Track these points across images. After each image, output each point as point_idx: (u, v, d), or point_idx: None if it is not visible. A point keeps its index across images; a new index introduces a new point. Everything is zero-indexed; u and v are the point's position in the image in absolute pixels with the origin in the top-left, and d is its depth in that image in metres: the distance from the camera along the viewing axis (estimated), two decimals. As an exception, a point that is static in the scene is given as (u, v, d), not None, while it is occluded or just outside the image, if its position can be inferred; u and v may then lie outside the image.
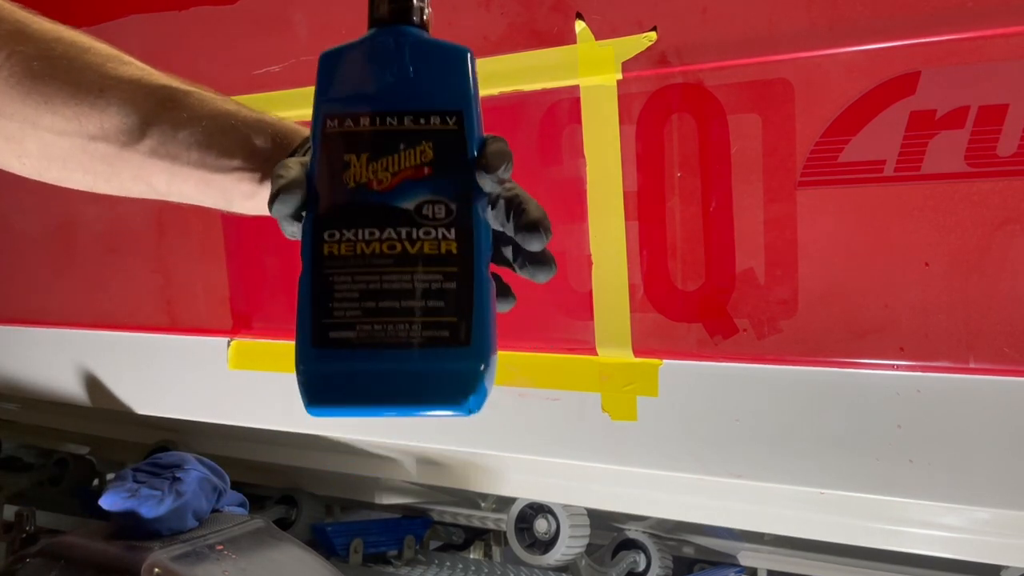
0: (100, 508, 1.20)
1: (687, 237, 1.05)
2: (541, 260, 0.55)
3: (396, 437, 1.42)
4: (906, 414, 0.98)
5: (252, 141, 0.60)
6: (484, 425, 1.23)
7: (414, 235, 0.52)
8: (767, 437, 1.06)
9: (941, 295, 0.93)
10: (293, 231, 0.55)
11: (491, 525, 1.71)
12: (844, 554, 1.42)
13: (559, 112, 1.11)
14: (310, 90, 0.56)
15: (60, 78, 0.59)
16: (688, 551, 1.71)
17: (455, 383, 0.51)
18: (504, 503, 1.64)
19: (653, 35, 1.03)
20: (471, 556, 1.81)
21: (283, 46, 1.29)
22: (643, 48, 1.04)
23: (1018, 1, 0.87)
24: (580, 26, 1.07)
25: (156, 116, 0.60)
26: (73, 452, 2.26)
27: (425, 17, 0.56)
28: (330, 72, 0.55)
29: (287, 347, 1.37)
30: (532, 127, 1.13)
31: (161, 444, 1.91)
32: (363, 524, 1.77)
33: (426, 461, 1.61)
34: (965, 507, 1.09)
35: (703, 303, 1.05)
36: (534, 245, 0.53)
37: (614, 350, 1.12)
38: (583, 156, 1.10)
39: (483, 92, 0.56)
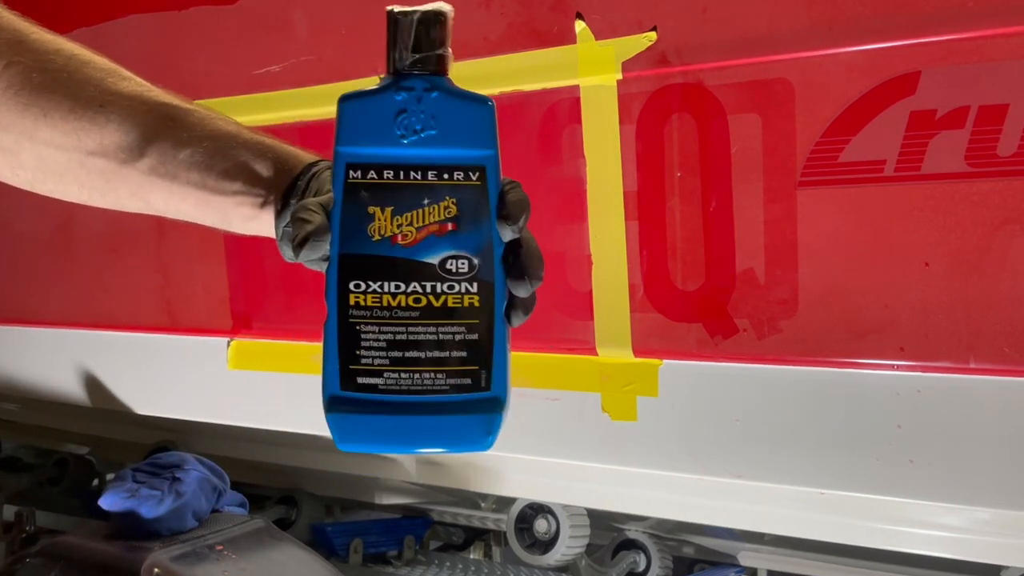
0: (100, 508, 1.20)
1: (687, 237, 1.05)
2: (516, 304, 0.56)
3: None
4: (906, 414, 0.98)
5: (253, 165, 0.60)
6: (484, 425, 1.23)
7: (439, 289, 0.54)
8: (767, 437, 1.06)
9: (941, 295, 0.93)
10: (291, 255, 0.56)
11: (491, 525, 1.71)
12: (844, 554, 1.41)
13: (559, 112, 1.11)
14: (310, 90, 0.56)
15: (59, 91, 0.59)
16: (688, 551, 1.71)
17: (477, 426, 0.55)
18: (504, 503, 1.64)
19: (653, 35, 1.03)
20: (471, 556, 1.81)
21: (283, 46, 1.29)
22: (643, 48, 1.04)
23: (1018, 1, 0.87)
24: (580, 26, 1.07)
25: (156, 134, 0.59)
26: (73, 452, 2.26)
27: (446, 62, 0.57)
28: (352, 119, 0.55)
29: (287, 347, 1.38)
30: (532, 127, 1.13)
31: (161, 444, 1.91)
32: (363, 524, 1.77)
33: (426, 461, 1.61)
34: (965, 507, 1.09)
35: (703, 303, 1.05)
36: (520, 291, 0.55)
37: (614, 350, 1.12)
38: (583, 156, 1.10)
39: (483, 92, 0.57)
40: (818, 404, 1.03)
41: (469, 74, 1.18)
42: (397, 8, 0.55)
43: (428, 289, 0.54)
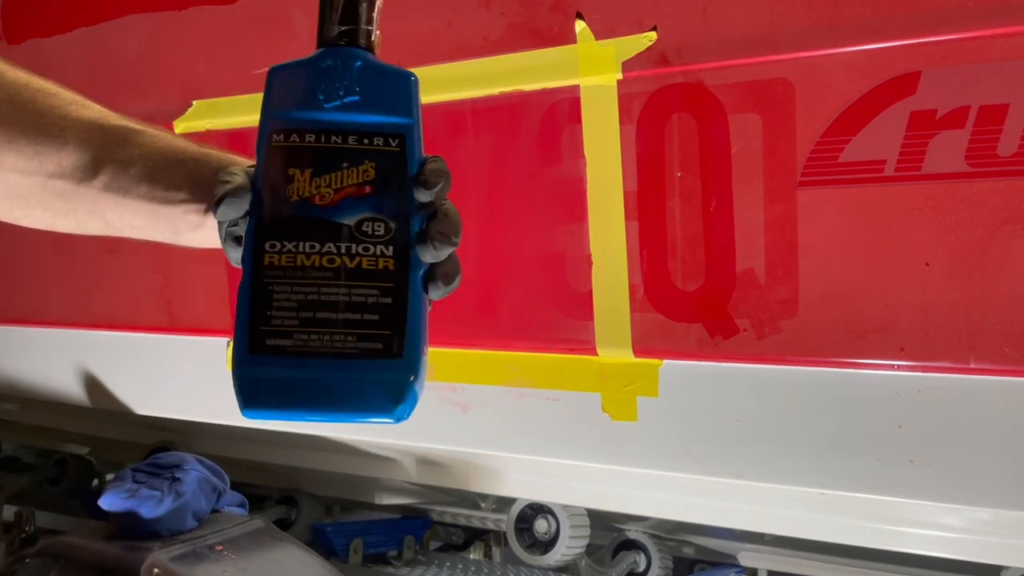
0: (100, 508, 1.20)
1: (687, 237, 1.05)
2: (435, 274, 0.56)
3: (396, 437, 1.42)
4: (906, 414, 0.98)
5: (197, 173, 0.63)
6: (484, 425, 1.23)
7: (353, 250, 0.54)
8: (767, 437, 1.06)
9: (941, 295, 0.93)
10: (237, 258, 0.58)
11: (491, 525, 1.71)
12: (844, 554, 1.42)
13: (559, 112, 1.11)
14: (310, 90, 0.57)
15: (25, 120, 0.63)
16: (688, 551, 1.71)
17: (386, 393, 0.54)
18: (504, 503, 1.64)
19: (653, 35, 1.03)
20: (471, 556, 1.81)
21: (283, 46, 1.29)
22: (643, 48, 1.04)
23: (1018, 1, 0.87)
24: (580, 26, 1.07)
25: (110, 153, 0.63)
26: (73, 452, 2.26)
27: (373, 39, 0.58)
28: (279, 87, 0.57)
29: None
30: (532, 127, 1.13)
31: (161, 444, 1.91)
32: (363, 524, 1.77)
33: (426, 461, 1.61)
34: (965, 507, 1.09)
35: (703, 303, 1.05)
36: (425, 255, 0.56)
37: (614, 350, 1.12)
38: (583, 156, 1.10)
39: (483, 92, 0.57)
40: (818, 404, 1.03)
41: (469, 74, 1.18)
42: None
43: (343, 250, 0.54)
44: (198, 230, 0.64)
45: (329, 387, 0.53)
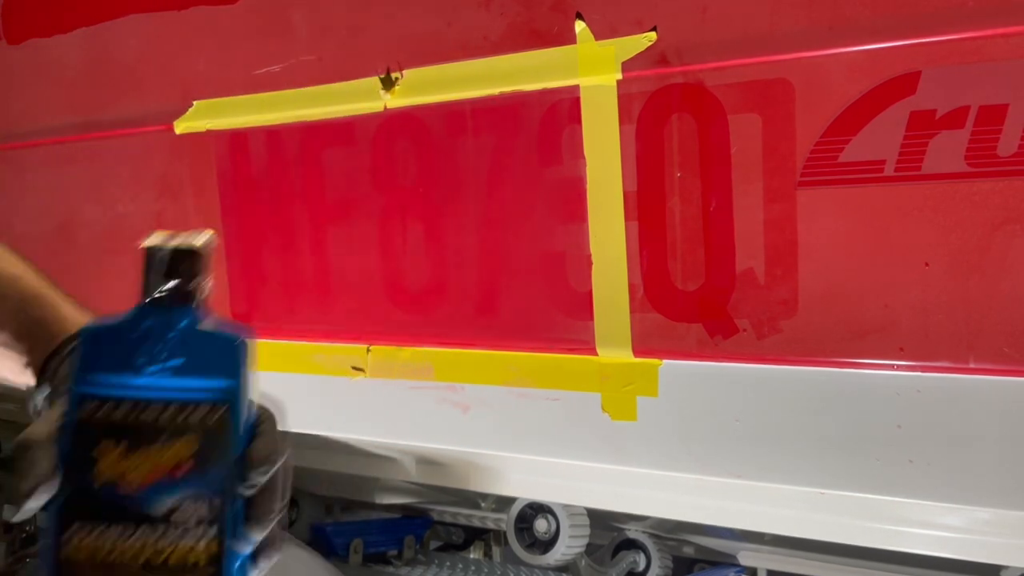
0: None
1: (687, 237, 1.05)
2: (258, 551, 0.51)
3: (396, 437, 1.42)
4: (906, 414, 0.98)
5: (22, 318, 0.58)
6: (484, 425, 1.23)
7: (163, 542, 0.48)
8: (767, 437, 1.06)
9: (941, 295, 0.93)
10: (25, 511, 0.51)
11: (491, 525, 1.71)
12: (844, 554, 1.41)
13: (559, 112, 1.11)
14: (311, 90, 0.56)
15: None
16: (688, 551, 1.71)
17: None
18: (504, 503, 1.64)
19: (653, 35, 1.03)
20: (471, 556, 1.81)
21: (283, 46, 1.29)
22: (643, 48, 1.04)
23: (1018, 1, 0.87)
24: (580, 26, 1.07)
25: None
26: (73, 452, 2.26)
27: (202, 297, 0.55)
28: (93, 349, 0.52)
29: (286, 347, 1.37)
30: (532, 127, 1.13)
31: (161, 444, 1.90)
32: (363, 524, 1.77)
33: (426, 461, 1.61)
34: (965, 507, 1.09)
35: (703, 303, 1.05)
36: (250, 536, 0.50)
37: (614, 350, 1.12)
38: (583, 156, 1.10)
39: (483, 92, 0.57)
40: (818, 404, 1.03)
41: (469, 74, 1.18)
42: (152, 241, 0.54)
43: (151, 541, 0.48)
44: (20, 376, 0.59)
45: None
